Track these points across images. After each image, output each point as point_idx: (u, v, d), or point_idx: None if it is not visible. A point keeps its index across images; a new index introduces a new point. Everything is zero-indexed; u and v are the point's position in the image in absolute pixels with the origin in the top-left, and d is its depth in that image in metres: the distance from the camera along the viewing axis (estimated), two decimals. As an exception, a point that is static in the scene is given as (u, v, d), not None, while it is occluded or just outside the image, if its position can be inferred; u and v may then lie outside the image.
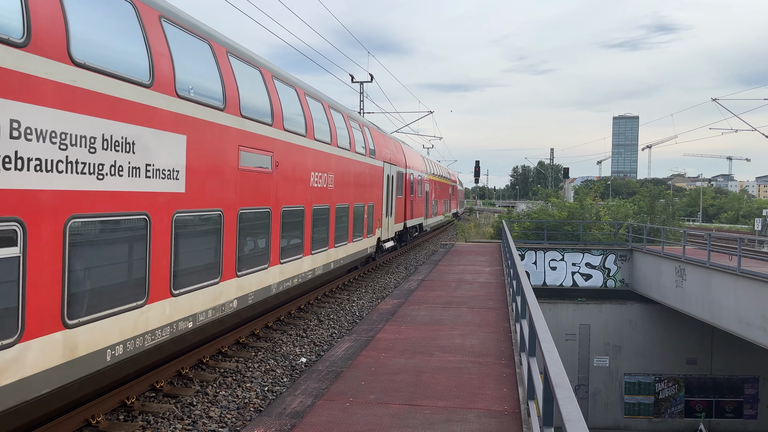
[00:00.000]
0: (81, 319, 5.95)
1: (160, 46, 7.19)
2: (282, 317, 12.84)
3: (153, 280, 7.02)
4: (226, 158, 8.83)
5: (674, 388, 27.44)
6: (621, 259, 28.08)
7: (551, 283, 28.48)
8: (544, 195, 45.54)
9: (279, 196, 10.89)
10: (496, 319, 12.15)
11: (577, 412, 3.33)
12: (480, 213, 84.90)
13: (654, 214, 41.07)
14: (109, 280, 6.36)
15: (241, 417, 7.54)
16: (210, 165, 8.33)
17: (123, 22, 6.71)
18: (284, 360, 10.17)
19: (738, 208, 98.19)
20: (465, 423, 6.49)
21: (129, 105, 6.56)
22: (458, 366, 8.71)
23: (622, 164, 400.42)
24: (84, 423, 6.79)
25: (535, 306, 6.55)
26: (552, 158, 76.38)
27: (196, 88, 8.02)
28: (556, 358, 4.42)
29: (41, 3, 5.38)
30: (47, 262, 5.46)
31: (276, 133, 10.67)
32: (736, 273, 18.09)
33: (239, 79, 9.35)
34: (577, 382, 27.22)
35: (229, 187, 8.91)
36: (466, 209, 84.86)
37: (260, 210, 10.08)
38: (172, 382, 8.57)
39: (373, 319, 11.97)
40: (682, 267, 22.10)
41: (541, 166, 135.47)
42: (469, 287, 16.47)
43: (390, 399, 7.25)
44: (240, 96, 9.24)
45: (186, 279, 7.81)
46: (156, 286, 7.09)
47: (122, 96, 6.45)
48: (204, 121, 8.14)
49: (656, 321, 26.94)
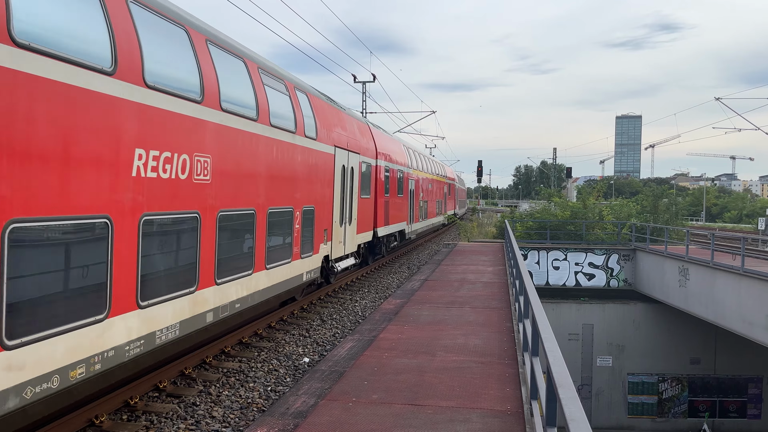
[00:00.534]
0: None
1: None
2: (285, 317, 12.85)
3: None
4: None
5: (678, 387, 27.40)
6: (624, 258, 28.04)
7: (554, 283, 28.45)
8: (546, 195, 45.50)
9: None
10: (499, 319, 12.14)
11: (581, 411, 3.33)
12: (483, 213, 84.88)
13: (657, 213, 41.03)
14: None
15: (244, 417, 7.55)
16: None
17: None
18: (287, 360, 10.18)
19: (741, 208, 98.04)
20: (468, 423, 6.49)
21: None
22: (461, 366, 8.71)
23: (625, 164, 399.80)
24: (87, 423, 6.80)
25: (538, 305, 6.55)
26: (555, 158, 76.34)
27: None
28: (559, 357, 4.42)
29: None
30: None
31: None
32: (739, 272, 18.05)
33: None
34: (580, 382, 27.19)
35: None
36: (469, 209, 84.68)
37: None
38: (175, 382, 8.59)
39: (376, 319, 11.97)
40: (685, 267, 22.06)
41: (544, 166, 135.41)
42: (472, 287, 16.46)
43: (393, 399, 7.25)
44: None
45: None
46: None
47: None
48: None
49: (659, 321, 26.89)
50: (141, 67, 6.79)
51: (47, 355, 5.52)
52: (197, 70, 8.17)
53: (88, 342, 6.03)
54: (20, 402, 5.24)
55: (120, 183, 6.46)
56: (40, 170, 5.37)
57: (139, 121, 6.80)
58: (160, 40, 7.49)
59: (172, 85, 7.50)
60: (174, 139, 7.51)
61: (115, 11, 6.49)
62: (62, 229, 5.67)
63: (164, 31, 7.60)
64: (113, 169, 6.36)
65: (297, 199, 11.87)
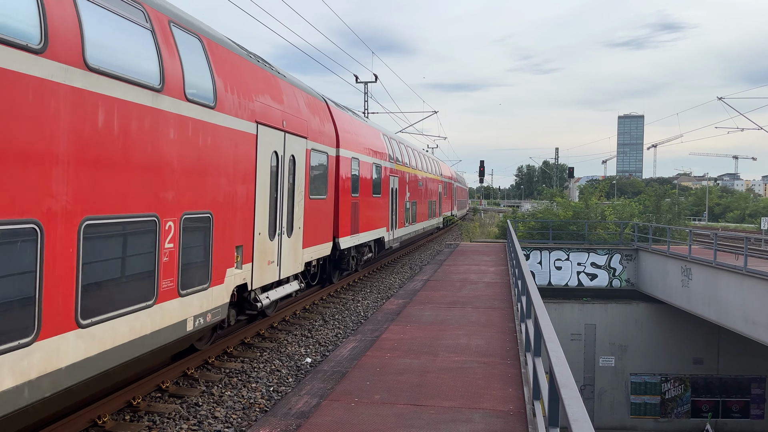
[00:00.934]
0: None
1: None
2: (287, 317, 12.84)
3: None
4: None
5: (680, 388, 27.35)
6: (626, 258, 28.00)
7: (556, 283, 28.42)
8: (548, 195, 45.48)
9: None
10: (501, 319, 12.13)
11: (583, 412, 3.32)
12: (485, 213, 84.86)
13: (659, 213, 40.98)
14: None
15: (247, 417, 7.56)
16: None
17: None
18: (289, 360, 10.18)
19: (744, 207, 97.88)
20: (470, 423, 6.49)
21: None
22: (463, 366, 8.70)
23: (627, 163, 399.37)
24: (90, 423, 6.81)
25: (540, 306, 6.54)
26: (557, 158, 76.29)
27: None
28: (562, 358, 4.41)
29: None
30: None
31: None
32: (742, 272, 18.02)
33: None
34: (582, 382, 27.17)
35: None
36: (470, 209, 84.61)
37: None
38: (177, 382, 8.60)
39: (378, 319, 11.97)
40: (688, 266, 22.03)
41: (546, 166, 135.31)
42: (474, 287, 16.45)
43: (395, 399, 7.25)
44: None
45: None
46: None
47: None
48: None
49: (662, 321, 26.86)
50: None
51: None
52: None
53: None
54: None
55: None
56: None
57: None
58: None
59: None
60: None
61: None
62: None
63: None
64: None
65: (167, 202, 7.38)
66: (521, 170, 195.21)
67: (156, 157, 7.13)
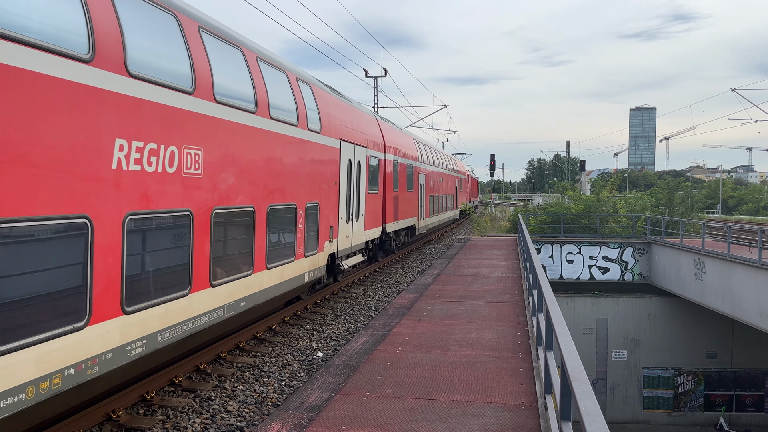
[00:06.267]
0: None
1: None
2: (298, 312, 12.90)
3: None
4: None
5: (694, 381, 27.19)
6: (639, 252, 27.82)
7: (568, 277, 28.30)
8: (560, 188, 45.25)
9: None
10: (513, 313, 12.10)
11: (596, 406, 3.31)
12: (496, 207, 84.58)
13: (672, 206, 40.64)
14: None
15: (259, 411, 7.60)
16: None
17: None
18: (301, 355, 10.22)
19: (758, 200, 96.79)
20: (482, 417, 6.48)
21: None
22: (475, 360, 8.70)
23: (640, 156, 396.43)
24: (105, 417, 6.88)
25: (552, 300, 6.52)
26: (568, 151, 75.89)
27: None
28: (574, 351, 4.39)
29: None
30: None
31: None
32: (756, 265, 17.85)
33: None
34: (595, 376, 27.07)
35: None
36: (481, 203, 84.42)
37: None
38: (190, 376, 8.66)
39: (390, 314, 11.98)
40: (701, 260, 21.85)
41: (557, 159, 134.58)
42: (486, 281, 16.42)
43: (407, 393, 7.26)
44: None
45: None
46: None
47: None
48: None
49: (675, 314, 26.69)
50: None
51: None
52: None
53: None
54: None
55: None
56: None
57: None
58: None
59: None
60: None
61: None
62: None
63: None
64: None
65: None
66: (532, 164, 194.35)
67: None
